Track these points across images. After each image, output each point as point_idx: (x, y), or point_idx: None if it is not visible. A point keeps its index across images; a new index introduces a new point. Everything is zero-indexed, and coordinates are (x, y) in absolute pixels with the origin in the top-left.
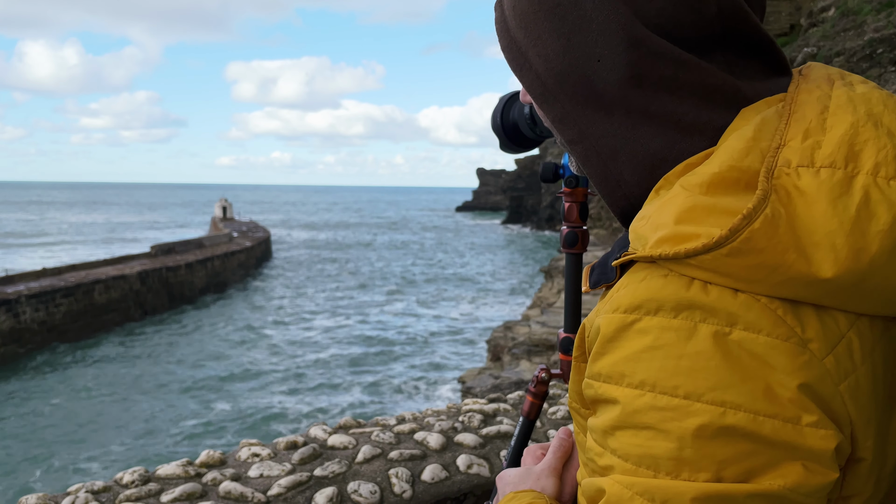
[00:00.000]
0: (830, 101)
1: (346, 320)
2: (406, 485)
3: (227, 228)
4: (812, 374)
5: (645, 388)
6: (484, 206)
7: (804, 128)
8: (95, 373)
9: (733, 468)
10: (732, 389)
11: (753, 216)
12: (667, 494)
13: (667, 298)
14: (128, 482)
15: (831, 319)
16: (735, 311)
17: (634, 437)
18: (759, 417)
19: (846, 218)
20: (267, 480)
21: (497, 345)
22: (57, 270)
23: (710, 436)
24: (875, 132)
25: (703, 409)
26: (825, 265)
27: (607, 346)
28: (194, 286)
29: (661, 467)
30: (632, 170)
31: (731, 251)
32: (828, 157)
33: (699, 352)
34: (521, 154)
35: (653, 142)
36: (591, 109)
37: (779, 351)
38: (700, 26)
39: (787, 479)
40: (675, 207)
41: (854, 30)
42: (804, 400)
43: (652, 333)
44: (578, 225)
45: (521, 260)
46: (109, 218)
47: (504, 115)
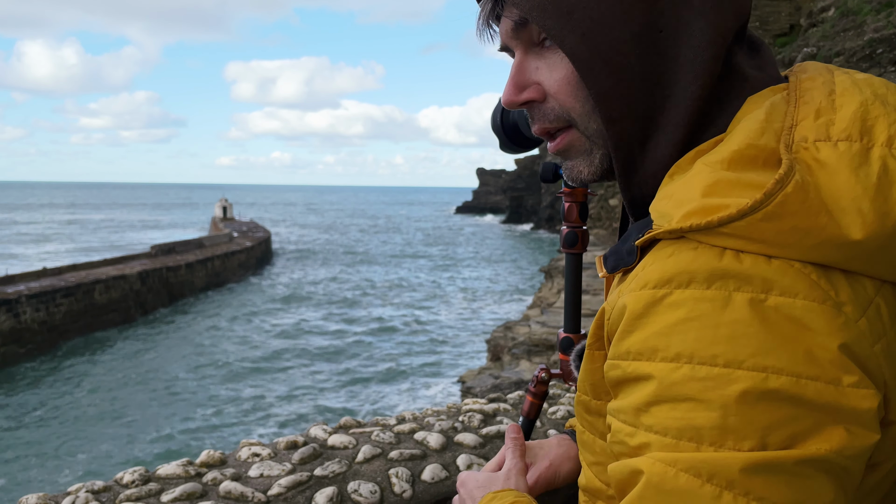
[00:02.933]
0: (836, 85)
1: (345, 320)
2: (406, 484)
3: (227, 228)
4: (850, 335)
5: (682, 360)
6: (484, 206)
7: (815, 108)
8: (95, 373)
9: (778, 434)
10: (773, 354)
11: (785, 181)
12: (714, 467)
13: (698, 270)
14: (128, 482)
15: (860, 284)
16: (770, 277)
17: (673, 411)
18: (801, 380)
19: (869, 185)
20: (267, 480)
21: (497, 345)
22: (57, 270)
23: (754, 401)
24: (884, 109)
25: (744, 375)
26: (854, 228)
27: (636, 323)
28: (195, 286)
29: (704, 438)
30: (652, 159)
31: (766, 215)
32: (843, 131)
33: (737, 319)
34: (521, 154)
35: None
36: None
37: (816, 314)
38: (741, 13)
39: (831, 443)
40: (701, 182)
41: (854, 30)
42: (844, 360)
43: (686, 306)
44: (578, 225)
45: (521, 260)
46: (110, 218)
47: (504, 116)
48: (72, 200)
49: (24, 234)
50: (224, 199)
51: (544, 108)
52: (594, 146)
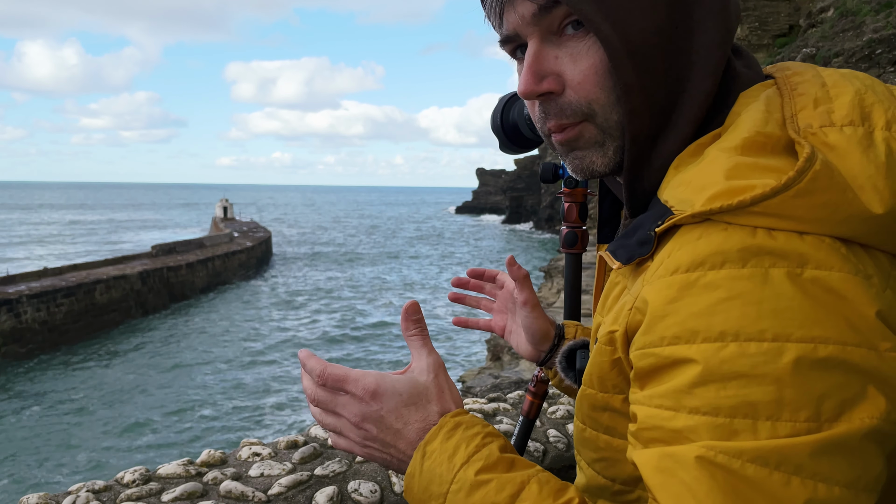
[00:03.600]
0: (826, 78)
1: (345, 320)
2: None
3: (227, 228)
4: (883, 303)
5: (727, 339)
6: (484, 206)
7: (812, 98)
8: (95, 373)
9: (830, 401)
10: (819, 324)
11: (813, 159)
12: (782, 454)
13: (731, 249)
14: (129, 481)
15: (878, 259)
16: (805, 252)
17: (723, 390)
18: (847, 347)
19: (880, 164)
20: (268, 479)
21: (497, 345)
22: (58, 270)
23: (807, 371)
24: (877, 96)
25: (795, 347)
26: (875, 203)
27: (669, 308)
28: (195, 286)
29: (760, 413)
30: (659, 153)
31: (799, 192)
32: (845, 117)
33: (779, 294)
34: (521, 154)
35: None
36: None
37: (852, 284)
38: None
39: (879, 408)
40: (722, 166)
41: (853, 30)
42: (881, 327)
43: (723, 286)
44: (578, 225)
45: (521, 260)
46: (110, 218)
47: (504, 116)
48: (72, 201)
49: (25, 235)
50: (224, 199)
51: (561, 102)
52: (608, 138)
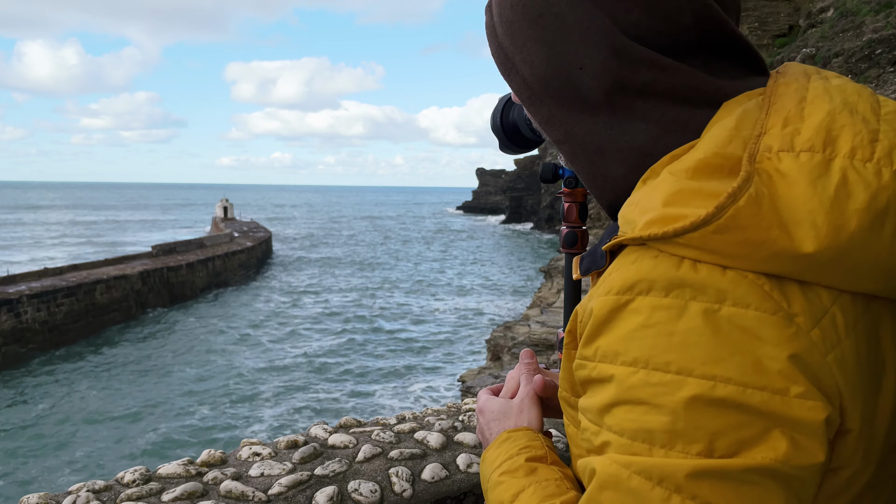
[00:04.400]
0: (808, 92)
1: (345, 320)
2: (406, 484)
3: (228, 228)
4: (800, 346)
5: (638, 366)
6: (484, 206)
7: (784, 116)
8: (95, 373)
9: (725, 439)
10: (722, 363)
11: (738, 195)
12: (663, 472)
13: (658, 278)
14: (129, 481)
15: (815, 295)
16: (724, 288)
17: (630, 413)
18: (748, 389)
19: (825, 197)
20: (268, 479)
21: (497, 344)
22: (58, 270)
23: (702, 408)
24: (851, 119)
25: (694, 382)
26: (807, 241)
27: (602, 328)
28: (195, 286)
29: (655, 440)
30: (618, 165)
31: (719, 228)
32: (807, 141)
33: (690, 329)
34: (521, 154)
35: (638, 138)
36: (576, 111)
37: (767, 324)
38: (677, 34)
39: (777, 452)
40: (663, 191)
41: (853, 30)
42: (793, 371)
43: (644, 312)
44: (578, 225)
45: (521, 260)
46: (110, 218)
47: (504, 116)
48: (72, 201)
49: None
50: (225, 199)
51: None
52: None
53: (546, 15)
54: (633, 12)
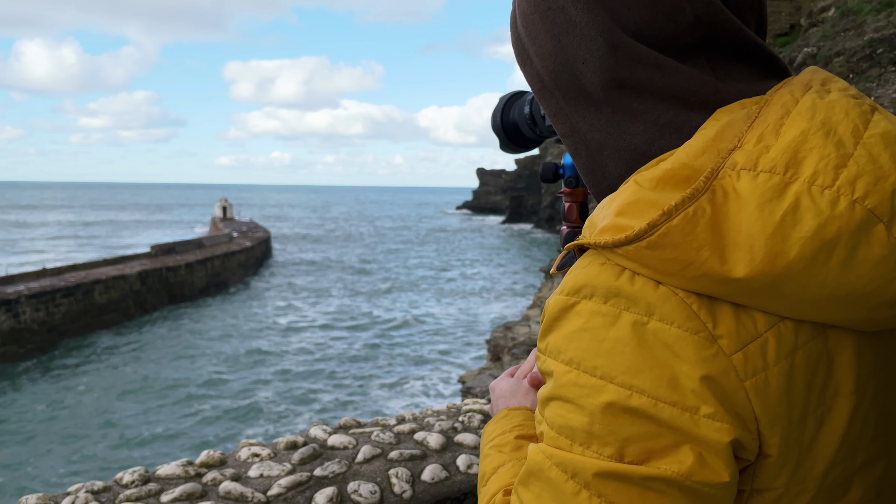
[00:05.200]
0: (794, 107)
1: (344, 321)
2: (406, 485)
3: (227, 228)
4: (716, 368)
5: (572, 365)
6: (484, 206)
7: (760, 131)
8: (95, 373)
9: (635, 446)
10: (641, 375)
11: (674, 213)
12: (576, 467)
13: (600, 285)
14: (128, 482)
15: (749, 319)
16: (653, 302)
17: (560, 409)
18: (659, 403)
19: (770, 222)
20: (267, 480)
21: (497, 345)
22: (57, 270)
23: (617, 414)
24: (823, 141)
25: (613, 389)
26: (739, 266)
27: (553, 325)
28: (194, 286)
29: (575, 437)
30: (615, 164)
31: (649, 244)
32: (770, 161)
33: (618, 338)
34: (521, 154)
35: (634, 138)
36: (581, 106)
37: (687, 343)
38: (678, 33)
39: (682, 466)
40: (621, 200)
41: (854, 30)
42: (705, 391)
43: (584, 316)
44: (578, 225)
45: (521, 260)
46: (109, 218)
47: (504, 116)
48: (71, 201)
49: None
50: (224, 199)
51: None
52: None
53: (554, 8)
54: (632, 9)
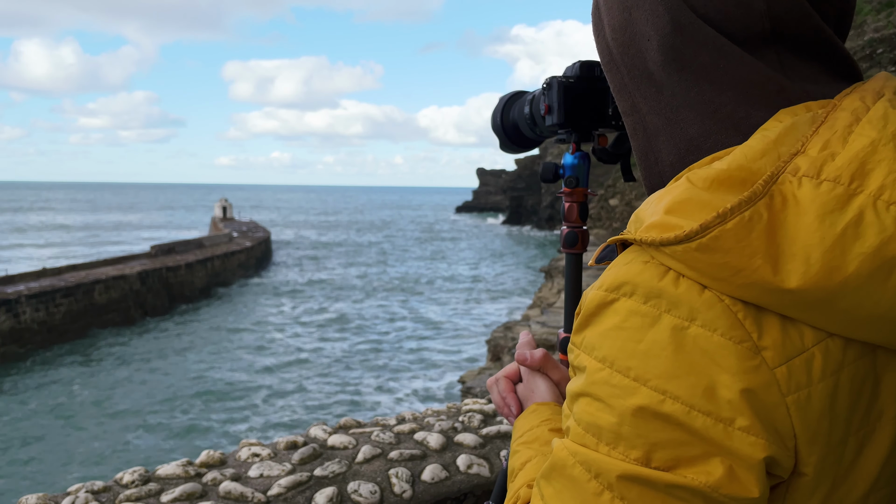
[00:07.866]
0: (865, 115)
1: (344, 321)
2: (406, 485)
3: (227, 228)
4: (758, 381)
5: (605, 363)
6: (484, 206)
7: (826, 138)
8: (95, 373)
9: (663, 452)
10: (676, 381)
11: (729, 217)
12: (600, 468)
13: (641, 284)
14: (128, 482)
15: (796, 332)
16: (697, 307)
17: (589, 406)
18: (692, 411)
19: (830, 234)
20: (267, 480)
21: (497, 345)
22: (57, 270)
23: (648, 418)
24: (893, 153)
25: (646, 392)
26: (792, 277)
27: (589, 319)
28: (194, 286)
29: (602, 437)
30: (668, 151)
31: (700, 247)
32: (835, 170)
33: (656, 340)
34: (521, 154)
35: (691, 128)
36: (644, 85)
37: (729, 352)
38: (748, 21)
39: (710, 477)
40: (672, 197)
41: (854, 29)
42: (743, 404)
43: (622, 314)
44: (578, 225)
45: (521, 260)
46: (109, 218)
47: (504, 115)
48: (71, 201)
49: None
50: (224, 199)
51: None
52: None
53: None
54: None
